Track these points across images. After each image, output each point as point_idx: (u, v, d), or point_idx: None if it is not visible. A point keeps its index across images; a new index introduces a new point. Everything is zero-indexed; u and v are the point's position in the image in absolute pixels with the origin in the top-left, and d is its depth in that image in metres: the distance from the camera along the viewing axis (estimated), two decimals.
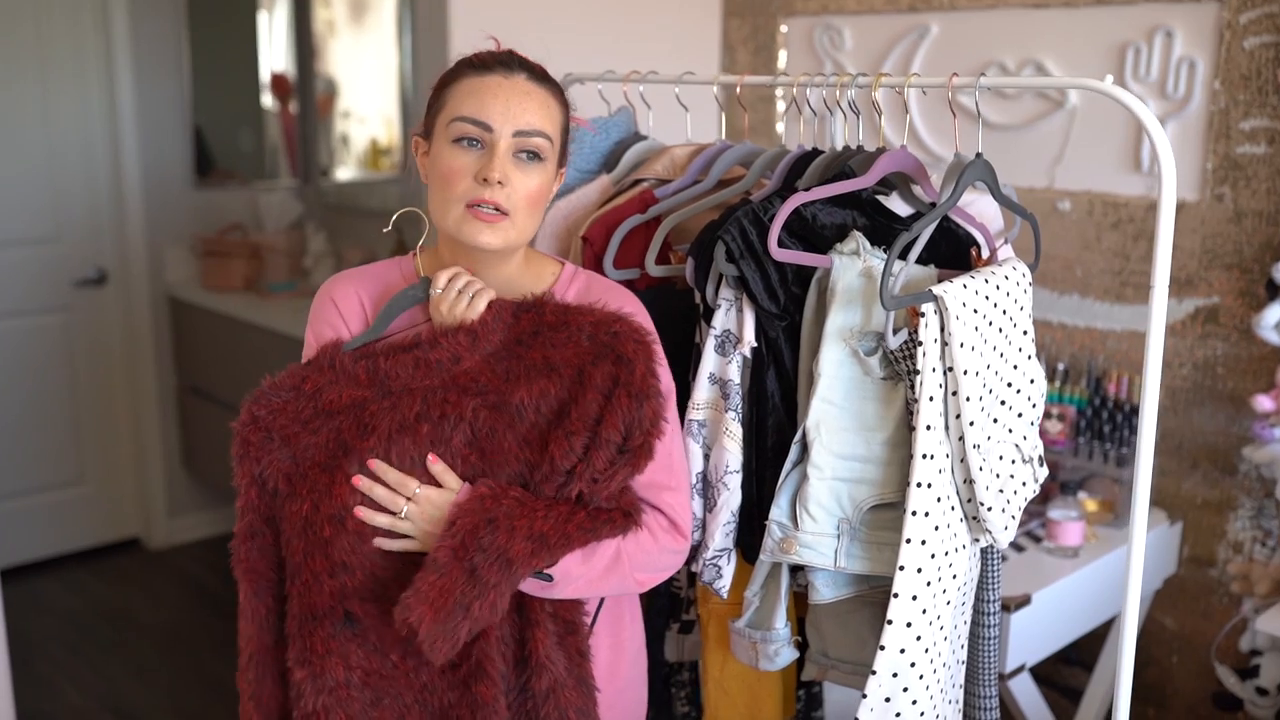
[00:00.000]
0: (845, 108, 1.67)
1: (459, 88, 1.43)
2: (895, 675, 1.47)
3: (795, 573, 1.64)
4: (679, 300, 1.71)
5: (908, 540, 1.45)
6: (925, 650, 1.48)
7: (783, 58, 3.17)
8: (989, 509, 1.49)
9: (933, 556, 1.46)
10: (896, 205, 1.64)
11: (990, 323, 1.47)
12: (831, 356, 1.50)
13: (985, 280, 1.48)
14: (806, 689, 1.93)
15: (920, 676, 1.48)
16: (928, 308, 1.42)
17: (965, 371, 1.43)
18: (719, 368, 1.60)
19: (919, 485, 1.44)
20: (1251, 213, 2.41)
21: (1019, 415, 1.57)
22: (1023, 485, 1.58)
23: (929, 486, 1.45)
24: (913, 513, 1.44)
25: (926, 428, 1.44)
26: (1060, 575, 2.24)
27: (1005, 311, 1.51)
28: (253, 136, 4.41)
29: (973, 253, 1.58)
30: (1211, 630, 2.56)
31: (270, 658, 1.44)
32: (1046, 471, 1.64)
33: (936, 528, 1.46)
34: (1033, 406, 1.59)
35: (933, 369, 1.43)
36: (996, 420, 1.52)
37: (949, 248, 1.59)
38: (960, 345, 1.43)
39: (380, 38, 3.97)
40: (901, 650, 1.46)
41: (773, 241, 1.49)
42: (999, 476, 1.53)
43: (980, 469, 1.47)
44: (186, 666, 3.39)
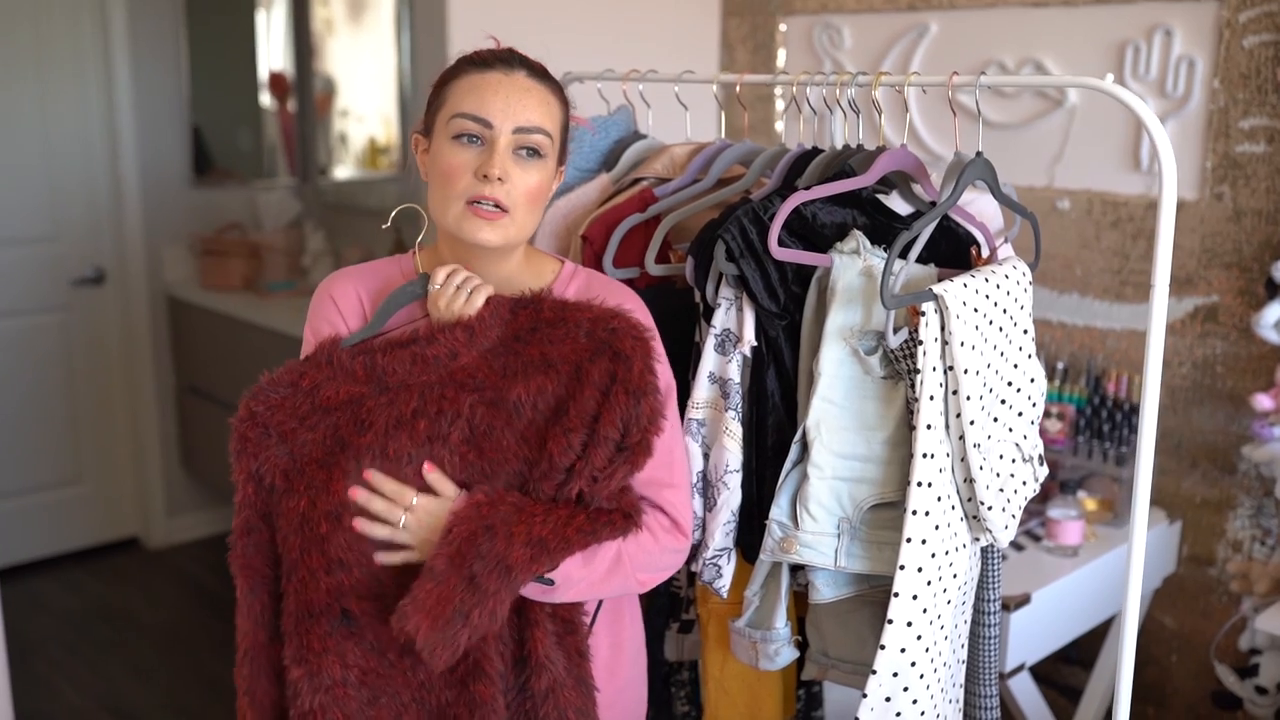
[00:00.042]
0: (845, 106, 1.67)
1: (459, 85, 1.42)
2: (896, 675, 1.47)
3: (795, 572, 1.64)
4: (679, 299, 1.71)
5: (908, 539, 1.44)
6: (926, 650, 1.48)
7: (782, 56, 3.17)
8: (989, 508, 1.49)
9: (933, 556, 1.46)
10: (896, 204, 1.64)
11: (991, 322, 1.47)
12: (832, 355, 1.50)
13: (986, 279, 1.48)
14: (806, 688, 1.93)
15: (921, 676, 1.48)
16: (928, 307, 1.42)
17: (966, 370, 1.43)
18: (719, 367, 1.60)
19: (919, 484, 1.44)
20: (1251, 211, 2.41)
21: (1019, 414, 1.57)
22: (1023, 484, 1.58)
23: (929, 485, 1.45)
24: (913, 512, 1.44)
25: (927, 427, 1.44)
26: (1060, 574, 2.24)
27: (1005, 310, 1.50)
28: (251, 135, 4.40)
29: (973, 252, 1.58)
30: (1211, 629, 2.56)
31: (265, 654, 1.44)
32: (1046, 471, 1.63)
33: (937, 527, 1.46)
34: (1033, 405, 1.59)
35: (933, 368, 1.43)
36: (997, 419, 1.52)
37: (949, 247, 1.59)
38: (961, 344, 1.42)
39: (378, 36, 3.97)
40: (902, 649, 1.46)
41: (773, 240, 1.49)
42: (999, 476, 1.52)
43: (980, 468, 1.47)
44: (185, 666, 3.39)
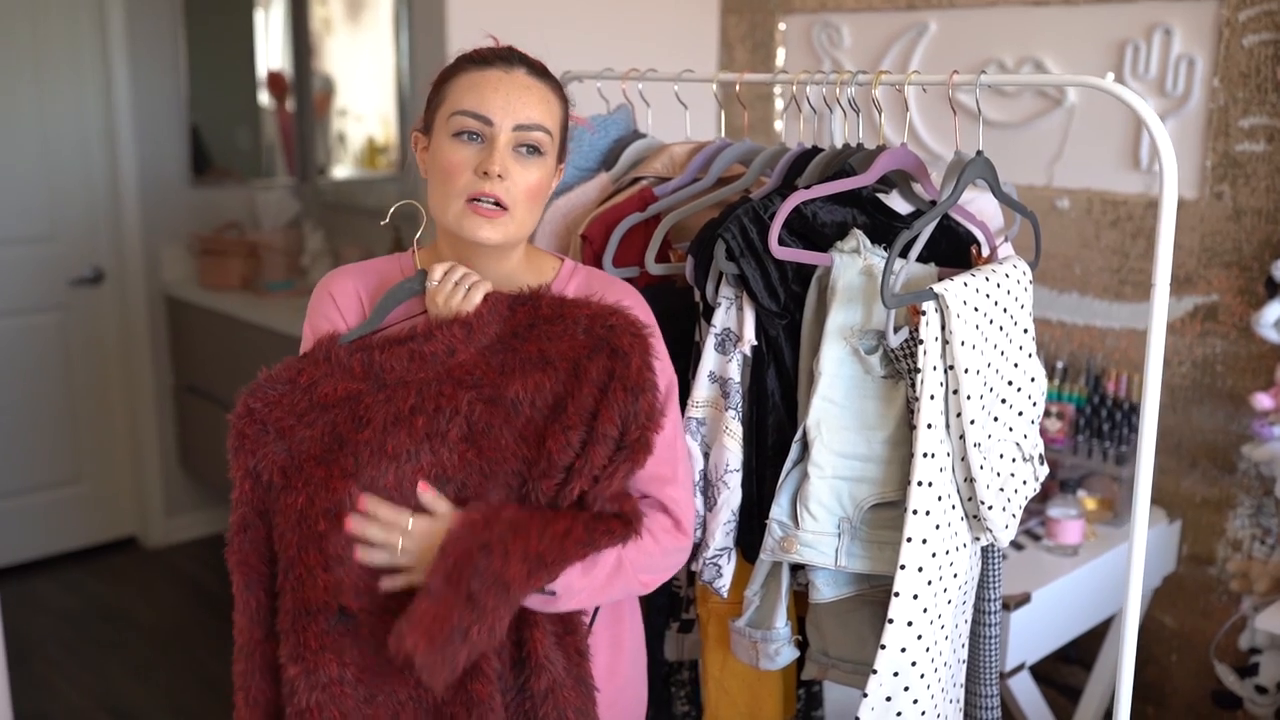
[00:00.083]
0: (845, 105, 1.66)
1: (459, 82, 1.42)
2: (896, 674, 1.46)
3: (796, 571, 1.63)
4: (679, 298, 1.71)
5: (908, 539, 1.44)
6: (926, 649, 1.48)
7: (781, 55, 3.17)
8: (989, 507, 1.49)
9: (934, 555, 1.46)
10: (897, 203, 1.63)
11: (991, 321, 1.47)
12: (832, 355, 1.50)
13: (986, 278, 1.48)
14: (806, 688, 1.93)
15: (921, 675, 1.48)
16: (928, 306, 1.42)
17: (966, 370, 1.43)
18: (719, 366, 1.59)
19: (920, 484, 1.44)
20: (1251, 210, 2.41)
21: (1019, 414, 1.57)
22: (1023, 484, 1.58)
23: (930, 485, 1.44)
24: (913, 511, 1.44)
25: (927, 426, 1.43)
26: (1060, 574, 2.24)
27: (1006, 309, 1.50)
28: (249, 135, 4.40)
29: (973, 251, 1.58)
30: (1211, 628, 2.56)
31: (260, 651, 1.43)
32: (1047, 470, 1.63)
33: (937, 526, 1.46)
34: (1033, 405, 1.59)
35: (934, 367, 1.43)
36: (997, 419, 1.52)
37: (949, 246, 1.59)
38: (961, 343, 1.42)
39: (377, 36, 3.96)
40: (902, 649, 1.46)
41: (773, 239, 1.49)
42: (999, 475, 1.52)
43: (981, 467, 1.47)
44: (184, 665, 3.38)
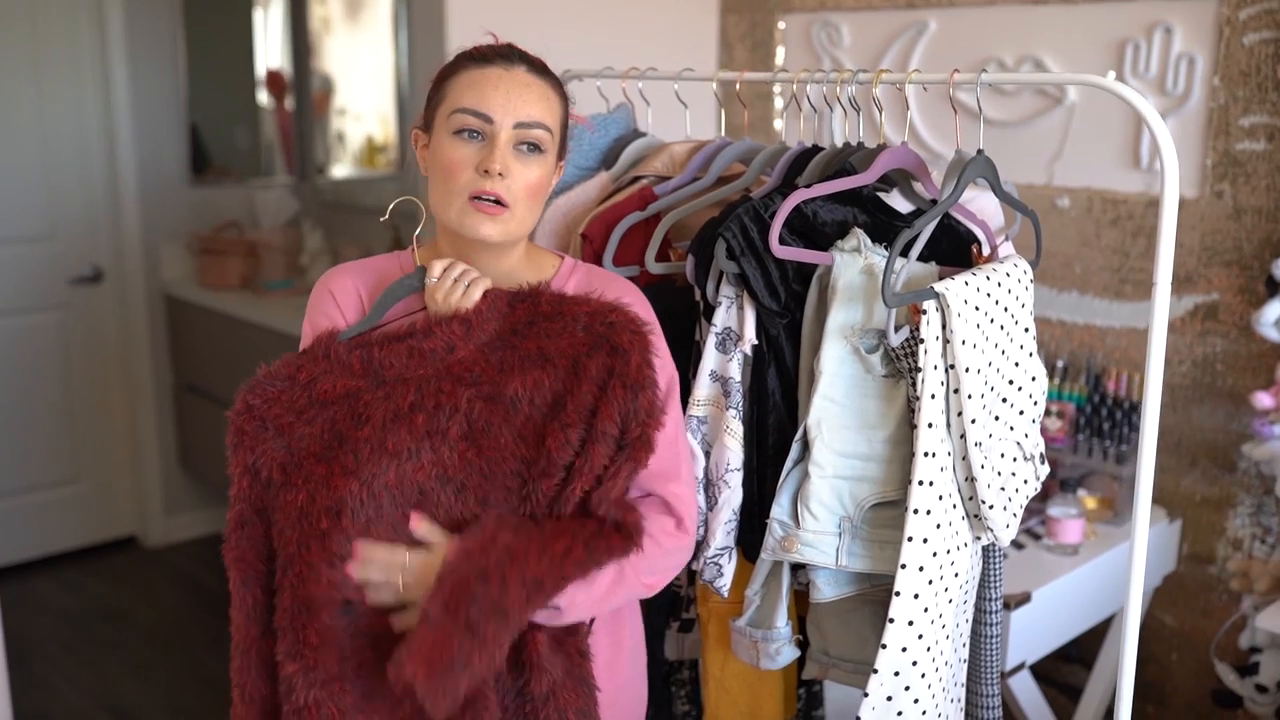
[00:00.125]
0: (845, 104, 1.66)
1: (459, 80, 1.42)
2: (897, 674, 1.46)
3: (796, 571, 1.63)
4: (679, 297, 1.71)
5: (909, 538, 1.44)
6: (927, 649, 1.48)
7: (780, 54, 3.17)
8: (990, 507, 1.49)
9: (934, 554, 1.46)
10: (897, 202, 1.63)
11: (992, 320, 1.47)
12: (833, 354, 1.50)
13: (987, 277, 1.47)
14: (807, 688, 1.93)
15: (922, 675, 1.48)
16: (929, 305, 1.42)
17: (967, 369, 1.43)
18: (720, 365, 1.59)
19: (920, 483, 1.44)
20: (1251, 209, 2.41)
21: (1020, 413, 1.56)
22: (1024, 483, 1.57)
23: (930, 484, 1.44)
24: (914, 510, 1.44)
25: (928, 425, 1.43)
26: (1060, 573, 2.24)
27: (1007, 308, 1.50)
28: (248, 134, 4.39)
29: (974, 250, 1.58)
30: (1211, 627, 2.56)
31: (256, 648, 1.42)
32: (1048, 469, 1.63)
33: (938, 525, 1.46)
34: (1034, 404, 1.58)
35: (934, 366, 1.43)
36: (998, 418, 1.52)
37: (950, 245, 1.58)
38: (962, 342, 1.42)
39: (376, 35, 3.96)
40: (903, 649, 1.46)
41: (774, 238, 1.49)
42: (1000, 474, 1.52)
43: (982, 467, 1.47)
44: (183, 665, 3.38)
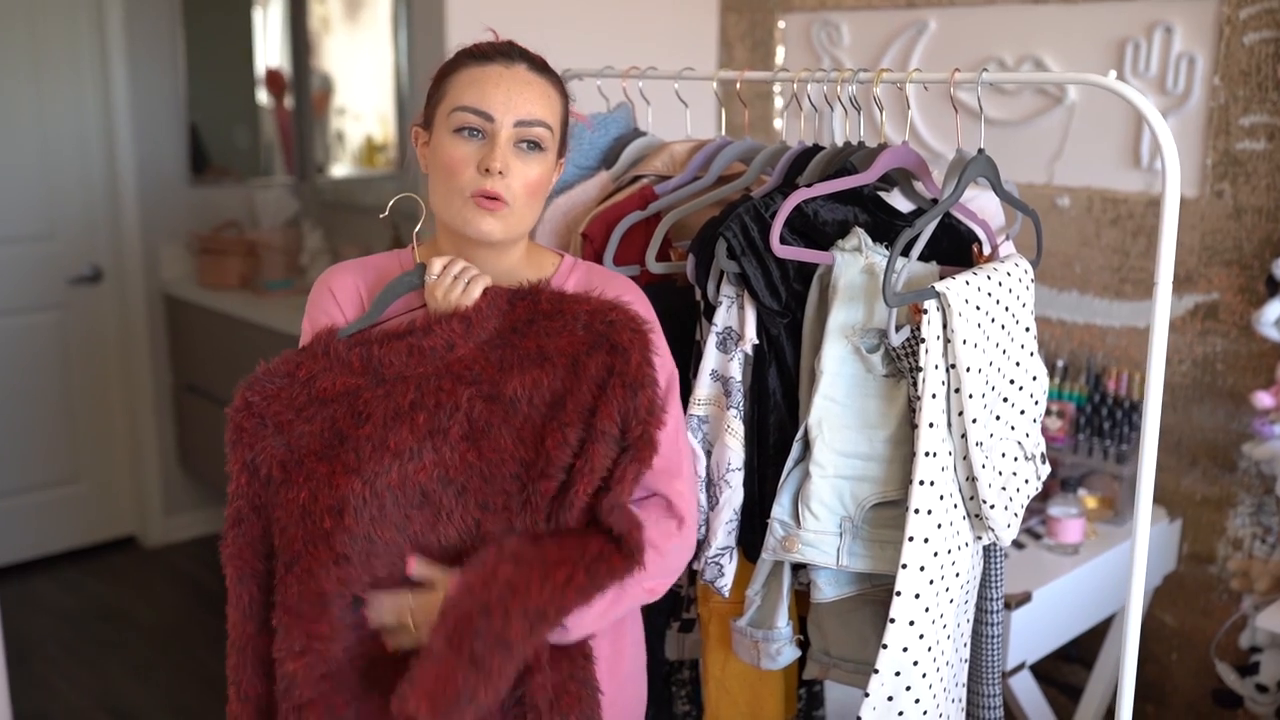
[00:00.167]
0: (846, 103, 1.66)
1: (459, 78, 1.42)
2: (898, 674, 1.46)
3: (797, 571, 1.63)
4: (680, 297, 1.70)
5: (910, 538, 1.44)
6: (928, 649, 1.48)
7: (780, 53, 3.16)
8: (991, 506, 1.49)
9: (935, 554, 1.46)
10: (898, 201, 1.63)
11: (993, 319, 1.47)
12: (833, 354, 1.49)
13: (988, 277, 1.47)
14: (808, 688, 1.93)
15: (923, 675, 1.47)
16: (930, 304, 1.42)
17: (968, 368, 1.43)
18: (720, 365, 1.59)
19: (921, 483, 1.43)
20: (1251, 209, 2.41)
21: (1021, 412, 1.56)
22: (1025, 483, 1.57)
23: (931, 484, 1.44)
24: (915, 510, 1.44)
25: (929, 425, 1.43)
26: (1060, 572, 2.24)
27: (1008, 308, 1.50)
28: (248, 133, 4.39)
29: (975, 249, 1.58)
30: (1211, 627, 2.56)
31: (252, 645, 1.42)
32: (1049, 469, 1.63)
33: (939, 525, 1.46)
34: (1035, 403, 1.58)
35: (935, 366, 1.43)
36: (999, 417, 1.52)
37: (951, 244, 1.58)
38: (963, 342, 1.42)
39: (375, 34, 3.96)
40: (904, 649, 1.46)
41: (775, 238, 1.48)
42: (1001, 474, 1.52)
43: (983, 466, 1.47)
44: (183, 665, 3.38)
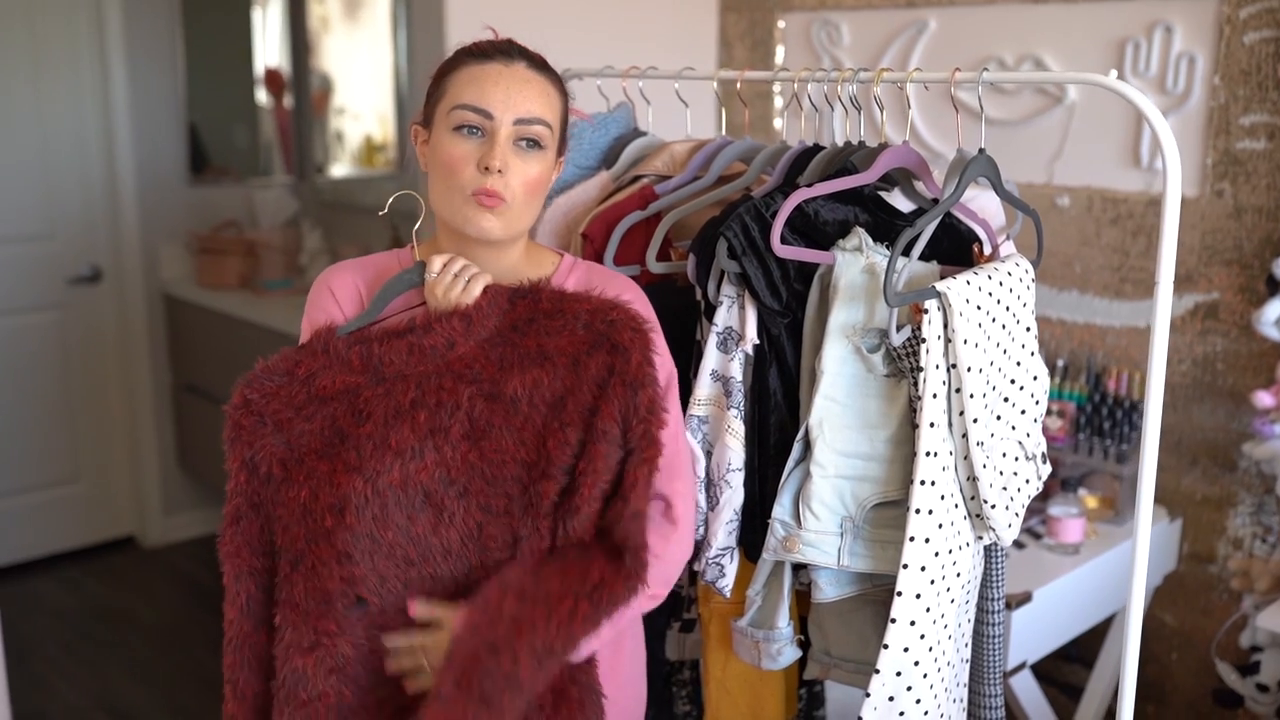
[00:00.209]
0: (846, 103, 1.66)
1: (459, 76, 1.42)
2: (899, 674, 1.46)
3: (798, 571, 1.63)
4: (680, 297, 1.70)
5: (911, 538, 1.44)
6: (929, 649, 1.47)
7: (780, 53, 3.16)
8: (992, 506, 1.49)
9: (936, 554, 1.46)
10: (899, 201, 1.63)
11: (994, 319, 1.46)
12: (834, 354, 1.49)
13: (989, 276, 1.47)
14: (808, 688, 1.93)
15: (924, 675, 1.47)
16: (931, 304, 1.42)
17: (969, 368, 1.43)
18: (721, 365, 1.59)
19: (922, 483, 1.43)
20: (1251, 208, 2.41)
21: (1022, 412, 1.56)
22: (1026, 482, 1.57)
23: (932, 484, 1.44)
24: (916, 510, 1.44)
25: (930, 425, 1.43)
26: (1061, 572, 2.24)
27: (1008, 308, 1.50)
28: (247, 133, 4.39)
29: (975, 249, 1.57)
30: (1212, 627, 2.56)
31: (250, 644, 1.41)
32: (1050, 469, 1.63)
33: (940, 525, 1.46)
34: (1036, 403, 1.58)
35: (936, 365, 1.42)
36: (1000, 417, 1.52)
37: (951, 244, 1.58)
38: (964, 342, 1.42)
39: (375, 33, 3.96)
40: (905, 649, 1.45)
41: (775, 237, 1.48)
42: (1002, 474, 1.52)
43: (984, 466, 1.47)
44: (182, 665, 3.38)
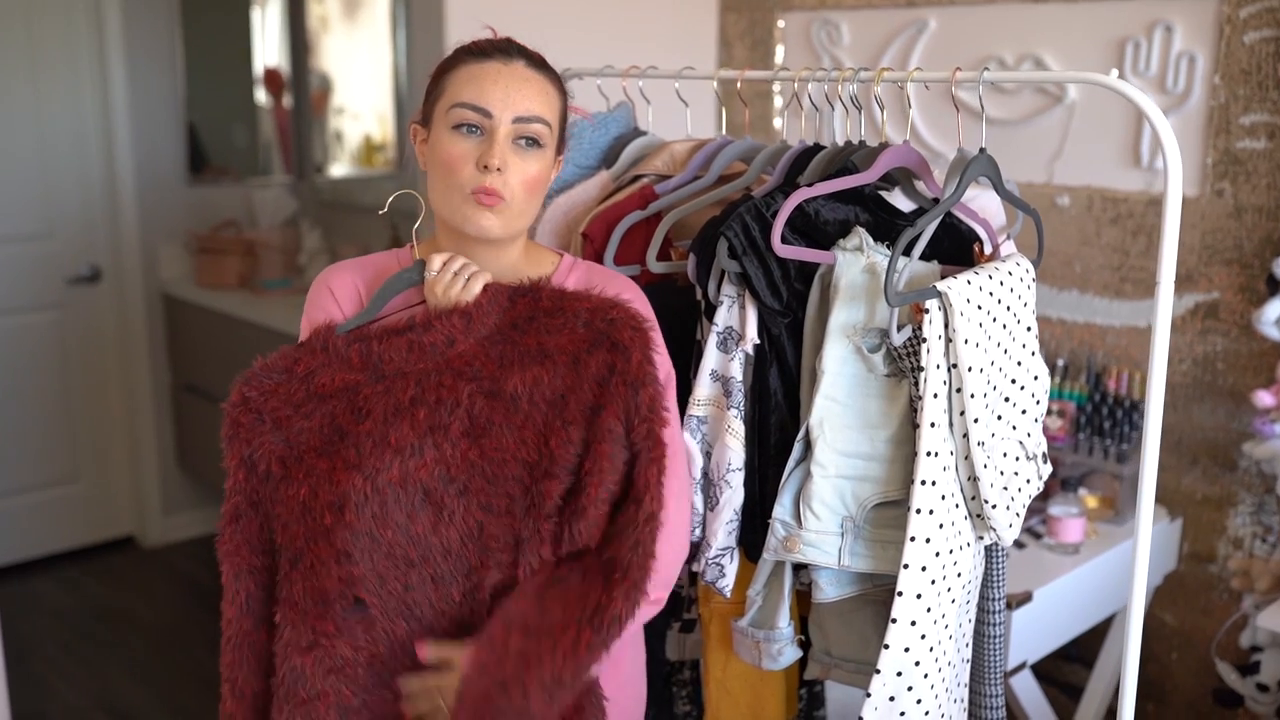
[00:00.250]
0: (846, 102, 1.66)
1: (458, 74, 1.41)
2: (900, 674, 1.46)
3: (798, 571, 1.63)
4: (680, 296, 1.70)
5: (912, 538, 1.44)
6: (930, 649, 1.47)
7: (780, 52, 3.16)
8: (993, 506, 1.49)
9: (937, 554, 1.45)
10: (899, 201, 1.63)
11: (994, 319, 1.46)
12: (835, 353, 1.49)
13: (989, 276, 1.47)
14: (809, 688, 1.92)
15: (925, 675, 1.47)
16: (932, 304, 1.41)
17: (970, 368, 1.42)
18: (721, 365, 1.58)
19: (923, 483, 1.43)
20: (1251, 208, 2.41)
21: (1023, 412, 1.56)
22: (1026, 482, 1.57)
23: (933, 484, 1.44)
24: (917, 510, 1.43)
25: (930, 425, 1.43)
26: (1061, 572, 2.24)
27: (1009, 307, 1.49)
28: (246, 133, 4.39)
29: (976, 248, 1.57)
30: (1212, 626, 2.56)
31: (248, 642, 1.40)
32: (1050, 468, 1.63)
33: (941, 525, 1.45)
34: (1036, 403, 1.58)
35: (937, 365, 1.42)
36: (1000, 417, 1.51)
37: (952, 243, 1.58)
38: (965, 341, 1.42)
39: (374, 33, 3.95)
40: (906, 649, 1.45)
41: (776, 237, 1.48)
42: (1003, 474, 1.52)
43: (984, 466, 1.46)
44: (181, 665, 3.37)
